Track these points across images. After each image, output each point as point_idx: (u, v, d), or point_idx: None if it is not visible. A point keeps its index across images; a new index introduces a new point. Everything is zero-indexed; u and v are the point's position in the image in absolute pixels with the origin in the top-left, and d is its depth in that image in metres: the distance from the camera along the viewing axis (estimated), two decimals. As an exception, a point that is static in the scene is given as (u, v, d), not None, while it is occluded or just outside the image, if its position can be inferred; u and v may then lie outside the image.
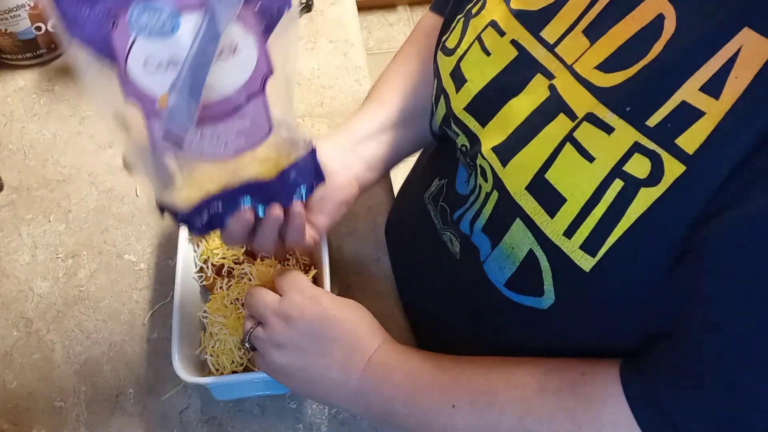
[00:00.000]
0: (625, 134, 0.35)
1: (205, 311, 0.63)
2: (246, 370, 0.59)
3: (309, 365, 0.49)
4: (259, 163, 0.43)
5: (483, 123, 0.45)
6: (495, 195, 0.43)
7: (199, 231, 0.45)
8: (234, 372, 0.59)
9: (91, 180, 0.76)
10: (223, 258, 0.64)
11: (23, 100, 0.84)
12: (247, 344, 0.53)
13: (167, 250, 0.70)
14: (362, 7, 2.28)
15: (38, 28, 0.83)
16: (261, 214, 0.45)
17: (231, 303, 0.62)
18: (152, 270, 0.69)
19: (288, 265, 0.64)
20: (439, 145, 0.60)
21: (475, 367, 0.46)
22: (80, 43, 0.37)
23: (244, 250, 0.66)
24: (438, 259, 0.55)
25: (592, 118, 0.37)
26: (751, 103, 0.31)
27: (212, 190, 0.43)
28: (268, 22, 0.40)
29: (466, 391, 0.45)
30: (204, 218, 0.44)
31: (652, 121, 0.34)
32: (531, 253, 0.41)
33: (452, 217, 0.51)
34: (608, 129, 0.36)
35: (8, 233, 0.73)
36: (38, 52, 0.86)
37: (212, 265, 0.65)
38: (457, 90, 0.47)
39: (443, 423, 0.45)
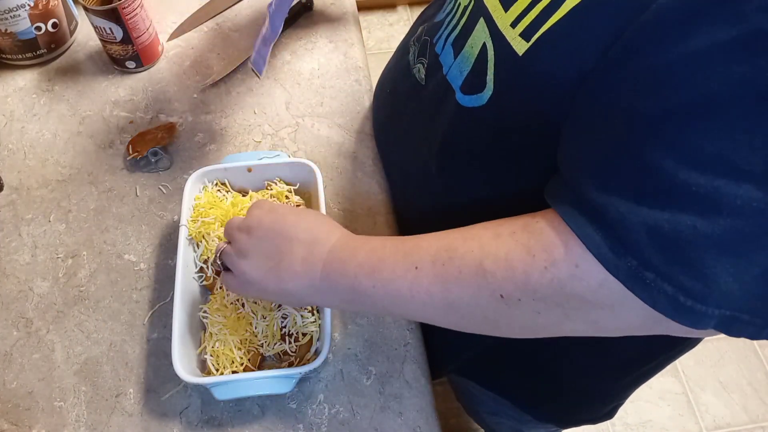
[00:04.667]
0: None
1: (205, 311, 0.63)
2: (246, 370, 0.59)
3: (273, 267, 0.52)
4: None
5: None
6: (471, 5, 0.51)
7: None
8: (234, 372, 0.59)
9: (91, 180, 0.76)
10: (223, 258, 0.64)
11: (23, 100, 0.84)
12: (218, 261, 0.56)
13: (167, 250, 0.70)
14: (362, 7, 2.28)
15: (38, 28, 0.83)
16: None
17: (231, 303, 0.62)
18: (152, 270, 0.69)
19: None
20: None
21: (433, 234, 0.49)
22: None
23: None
24: (406, 89, 0.63)
25: None
26: None
27: None
28: None
29: (427, 253, 0.47)
30: None
31: None
32: (483, 47, 0.48)
33: (432, 43, 0.59)
34: None
35: (8, 233, 0.73)
36: (38, 52, 0.86)
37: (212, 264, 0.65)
38: None
39: (408, 286, 0.47)
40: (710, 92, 0.33)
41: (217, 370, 0.59)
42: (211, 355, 0.60)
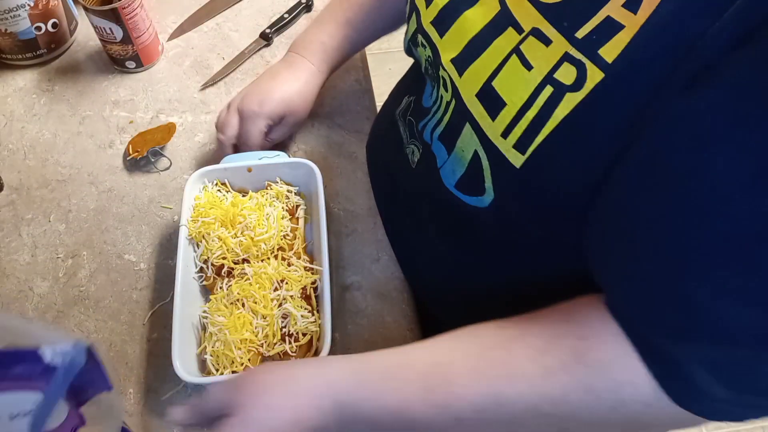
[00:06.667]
0: (559, 45, 0.38)
1: (205, 311, 0.63)
2: (246, 370, 0.59)
3: None
4: None
5: (441, 34, 0.49)
6: (453, 103, 0.48)
7: None
8: (234, 372, 0.59)
9: (91, 180, 0.76)
10: (223, 258, 0.64)
11: (23, 100, 0.84)
12: None
13: (167, 250, 0.70)
14: (362, 7, 2.27)
15: (38, 28, 0.83)
16: None
17: (231, 303, 0.62)
18: (152, 270, 0.69)
19: (289, 263, 0.64)
20: (410, 68, 0.67)
21: (466, 372, 0.44)
22: None
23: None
24: (401, 169, 0.61)
25: (536, 33, 0.40)
26: (660, 18, 0.34)
27: None
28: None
29: (469, 403, 0.42)
30: None
31: (581, 33, 0.37)
32: (476, 154, 0.46)
33: (417, 127, 0.57)
34: (547, 41, 0.39)
35: (8, 233, 0.73)
36: (38, 52, 0.86)
37: (212, 265, 0.65)
38: (427, 5, 0.51)
39: None
40: (742, 227, 0.32)
41: (217, 370, 0.59)
42: (211, 355, 0.60)
